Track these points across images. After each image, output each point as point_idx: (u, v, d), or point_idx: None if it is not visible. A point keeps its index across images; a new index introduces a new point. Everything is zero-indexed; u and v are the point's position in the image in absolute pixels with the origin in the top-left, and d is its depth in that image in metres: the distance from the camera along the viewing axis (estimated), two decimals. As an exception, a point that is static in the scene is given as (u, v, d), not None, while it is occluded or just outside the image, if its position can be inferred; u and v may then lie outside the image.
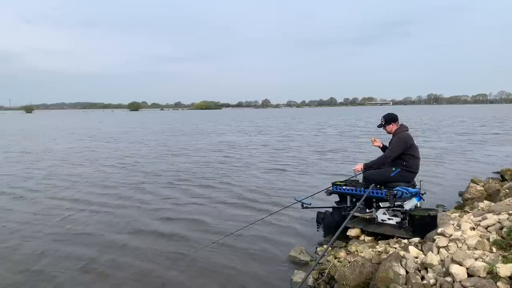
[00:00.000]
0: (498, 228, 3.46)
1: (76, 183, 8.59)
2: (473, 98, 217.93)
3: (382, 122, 5.08)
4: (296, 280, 3.63)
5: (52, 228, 5.47)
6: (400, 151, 4.74)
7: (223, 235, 4.95)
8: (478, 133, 20.59)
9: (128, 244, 4.82)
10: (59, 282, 3.83)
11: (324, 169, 9.98)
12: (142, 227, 5.48)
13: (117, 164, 11.56)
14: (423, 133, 21.33)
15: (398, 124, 5.03)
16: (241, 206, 6.52)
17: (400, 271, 3.10)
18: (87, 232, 5.28)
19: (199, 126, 34.96)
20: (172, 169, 10.46)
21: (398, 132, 4.93)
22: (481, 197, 6.20)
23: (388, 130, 5.05)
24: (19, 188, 8.20)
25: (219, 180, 8.74)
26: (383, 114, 5.16)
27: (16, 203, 6.92)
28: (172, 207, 6.51)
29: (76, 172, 10.20)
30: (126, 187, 8.14)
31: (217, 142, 18.37)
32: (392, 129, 5.02)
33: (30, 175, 9.68)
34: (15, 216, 6.08)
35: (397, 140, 4.82)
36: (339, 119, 44.40)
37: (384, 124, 5.06)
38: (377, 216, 4.75)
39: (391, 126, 5.02)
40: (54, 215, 6.12)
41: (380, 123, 5.15)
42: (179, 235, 5.11)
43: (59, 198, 7.26)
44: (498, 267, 2.73)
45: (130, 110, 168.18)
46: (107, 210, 6.35)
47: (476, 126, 27.02)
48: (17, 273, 4.05)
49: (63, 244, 4.87)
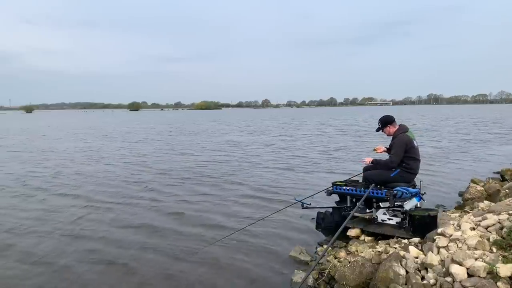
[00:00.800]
0: (498, 228, 3.46)
1: (86, 182, 8.71)
2: (473, 98, 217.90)
3: (379, 126, 5.07)
4: (296, 280, 3.63)
5: (68, 226, 5.58)
6: (402, 153, 4.71)
7: (223, 235, 4.96)
8: (478, 133, 20.59)
9: (144, 240, 4.96)
10: (86, 280, 3.89)
11: (326, 169, 9.99)
12: (154, 223, 5.63)
13: (125, 163, 11.70)
14: (424, 133, 21.33)
15: (396, 125, 5.00)
16: (241, 206, 6.52)
17: (400, 271, 3.10)
18: (103, 229, 5.40)
19: (201, 126, 35.04)
20: (177, 167, 10.64)
21: (398, 134, 4.90)
22: (481, 197, 6.19)
23: (387, 132, 5.02)
24: (30, 186, 8.34)
25: (220, 179, 8.75)
26: (382, 116, 5.14)
27: (29, 202, 7.04)
28: (171, 205, 6.54)
29: (84, 170, 10.32)
30: (136, 185, 8.30)
31: (220, 142, 18.44)
32: (391, 131, 4.99)
33: (40, 174, 9.81)
34: (30, 214, 6.17)
35: (396, 143, 4.79)
36: (340, 119, 44.41)
37: (381, 127, 5.04)
38: (377, 216, 4.75)
39: (388, 128, 4.99)
40: (68, 212, 6.24)
41: (377, 127, 5.13)
42: (180, 234, 5.13)
43: (71, 196, 7.41)
44: (498, 267, 2.74)
45: (130, 110, 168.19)
46: (119, 208, 6.48)
47: (476, 126, 27.01)
48: (42, 270, 4.12)
49: (83, 240, 4.98)
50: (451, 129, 24.62)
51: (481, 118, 38.33)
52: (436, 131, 22.98)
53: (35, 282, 3.85)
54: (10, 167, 11.00)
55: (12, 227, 5.47)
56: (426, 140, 17.02)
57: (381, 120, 5.05)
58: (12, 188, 8.14)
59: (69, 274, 4.00)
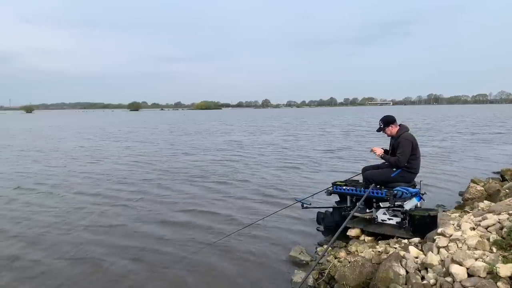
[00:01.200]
0: (498, 228, 3.46)
1: (98, 180, 8.92)
2: (473, 98, 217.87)
3: (381, 126, 5.02)
4: (296, 280, 3.63)
5: (88, 221, 5.77)
6: (410, 152, 4.68)
7: (223, 235, 4.96)
8: (478, 133, 20.58)
9: (160, 234, 5.16)
10: (114, 271, 4.07)
11: (326, 169, 9.98)
12: (167, 219, 5.88)
13: (132, 162, 11.89)
14: (424, 132, 21.33)
15: (397, 125, 4.98)
16: (241, 205, 6.52)
17: (400, 271, 3.10)
18: (122, 224, 5.62)
19: (203, 125, 35.10)
20: (181, 166, 10.81)
21: (401, 134, 4.86)
22: (481, 197, 6.19)
23: (389, 132, 4.97)
24: (45, 185, 8.53)
25: (220, 179, 8.75)
26: (383, 115, 5.11)
27: (46, 199, 7.24)
28: (171, 206, 6.54)
29: (95, 169, 10.47)
30: (146, 183, 8.51)
31: (222, 141, 18.50)
32: (392, 131, 4.95)
33: (52, 173, 10.01)
34: (51, 211, 6.35)
35: (403, 142, 4.73)
36: (341, 119, 44.38)
37: (383, 127, 4.99)
38: (377, 216, 4.75)
39: (390, 128, 4.95)
40: (86, 209, 6.45)
41: (378, 127, 5.08)
42: (179, 234, 5.13)
43: (86, 194, 7.60)
44: (498, 267, 2.74)
45: (130, 110, 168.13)
46: (133, 204, 6.70)
47: (476, 126, 27.00)
48: (73, 263, 4.27)
49: (107, 235, 5.18)
50: (451, 129, 24.61)
51: (481, 118, 38.33)
52: (436, 131, 22.96)
53: (69, 275, 4.01)
54: (24, 166, 11.24)
55: (37, 225, 5.64)
56: (426, 140, 17.01)
57: (383, 120, 5.01)
58: (29, 186, 8.34)
59: (100, 267, 4.18)
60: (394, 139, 4.94)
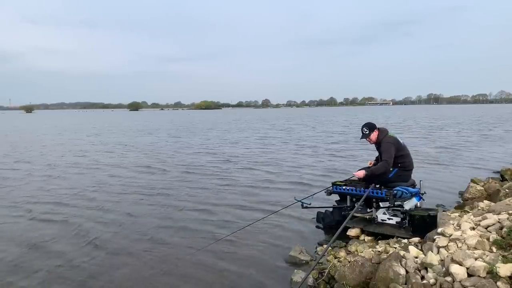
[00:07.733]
0: (498, 228, 3.46)
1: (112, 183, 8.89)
2: (473, 98, 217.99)
3: (366, 132, 4.97)
4: (296, 280, 3.63)
5: (112, 216, 6.06)
6: (394, 152, 4.74)
7: (223, 235, 4.96)
8: (478, 133, 20.57)
9: (160, 234, 5.21)
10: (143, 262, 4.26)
11: (327, 168, 9.98)
12: (167, 219, 5.94)
13: (143, 163, 11.84)
14: (424, 132, 21.33)
15: (377, 131, 5.01)
16: (242, 205, 6.51)
17: (400, 271, 3.11)
18: (120, 224, 5.71)
19: (215, 125, 35.14)
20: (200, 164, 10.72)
21: (382, 138, 4.91)
22: (481, 197, 6.19)
23: (373, 139, 4.98)
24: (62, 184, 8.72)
25: (219, 179, 8.75)
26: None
27: (68, 197, 7.38)
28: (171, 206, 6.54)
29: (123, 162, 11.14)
30: (158, 184, 8.57)
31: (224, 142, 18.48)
32: (375, 137, 4.98)
33: (69, 172, 10.22)
34: (75, 207, 6.62)
35: (385, 145, 4.80)
36: (342, 118, 44.34)
37: (368, 133, 4.97)
38: (377, 216, 4.75)
39: (374, 133, 4.97)
40: (125, 202, 6.88)
41: (362, 134, 5.03)
42: (178, 235, 5.15)
43: (106, 192, 7.81)
44: (498, 267, 2.74)
45: (130, 110, 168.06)
46: (133, 204, 6.79)
47: (476, 125, 27.00)
48: (73, 263, 4.32)
49: (133, 225, 5.53)
50: (451, 129, 24.61)
51: (481, 118, 38.30)
52: (436, 131, 22.96)
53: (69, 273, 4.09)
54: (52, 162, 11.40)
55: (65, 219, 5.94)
56: (426, 140, 16.97)
57: (367, 126, 5.00)
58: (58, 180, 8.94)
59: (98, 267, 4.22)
60: (378, 145, 4.98)
